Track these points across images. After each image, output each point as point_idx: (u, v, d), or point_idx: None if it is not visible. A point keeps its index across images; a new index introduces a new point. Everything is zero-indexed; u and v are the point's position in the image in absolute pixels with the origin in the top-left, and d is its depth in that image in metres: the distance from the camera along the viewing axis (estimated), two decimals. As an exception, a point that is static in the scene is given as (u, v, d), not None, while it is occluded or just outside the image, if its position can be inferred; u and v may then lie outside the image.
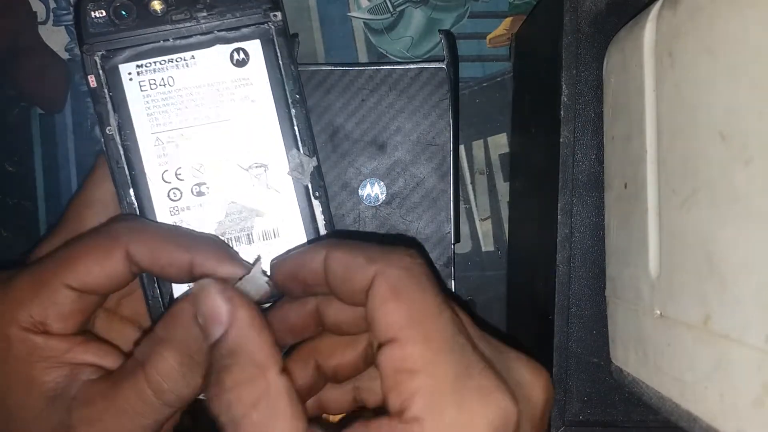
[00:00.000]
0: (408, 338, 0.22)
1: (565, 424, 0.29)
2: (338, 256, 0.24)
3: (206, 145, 0.29)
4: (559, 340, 0.29)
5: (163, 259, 0.26)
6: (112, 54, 0.29)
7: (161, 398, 0.24)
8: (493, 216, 0.40)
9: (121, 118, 0.29)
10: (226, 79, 0.29)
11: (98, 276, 0.26)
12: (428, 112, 0.36)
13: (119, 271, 0.26)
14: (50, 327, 0.26)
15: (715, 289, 0.19)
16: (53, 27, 0.39)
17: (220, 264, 0.26)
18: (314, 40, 0.39)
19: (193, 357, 0.24)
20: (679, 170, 0.21)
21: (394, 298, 0.22)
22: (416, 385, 0.21)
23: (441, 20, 0.39)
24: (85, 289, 0.26)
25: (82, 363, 0.26)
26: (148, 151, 0.29)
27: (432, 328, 0.22)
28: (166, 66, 0.29)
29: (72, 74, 0.39)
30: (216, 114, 0.29)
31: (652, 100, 0.23)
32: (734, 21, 0.18)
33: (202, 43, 0.29)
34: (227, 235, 0.29)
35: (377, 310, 0.22)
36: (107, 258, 0.26)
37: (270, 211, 0.30)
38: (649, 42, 0.23)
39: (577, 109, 0.29)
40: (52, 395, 0.25)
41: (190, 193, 0.29)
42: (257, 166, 0.29)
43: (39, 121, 0.39)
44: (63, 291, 0.26)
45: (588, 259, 0.29)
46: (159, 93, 0.29)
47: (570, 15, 0.28)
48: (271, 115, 0.29)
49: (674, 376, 0.21)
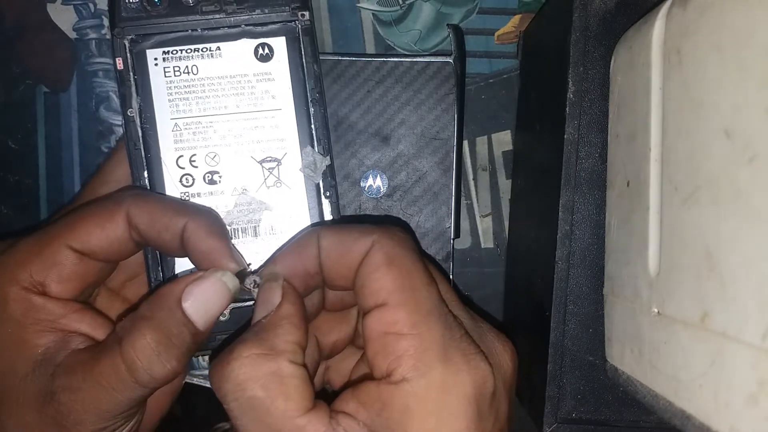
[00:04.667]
0: (398, 302, 0.23)
1: (558, 421, 0.29)
2: (331, 234, 0.25)
3: (223, 135, 0.30)
4: (554, 337, 0.29)
5: (159, 224, 0.26)
6: (141, 39, 0.29)
7: (134, 375, 0.24)
8: (494, 213, 0.40)
9: (143, 102, 0.29)
10: (249, 73, 0.30)
11: (99, 238, 0.26)
12: (433, 106, 0.36)
13: (120, 235, 0.26)
14: (49, 288, 0.26)
15: (714, 286, 0.19)
16: (62, 6, 0.39)
17: (208, 236, 0.26)
18: (322, 30, 0.39)
19: (172, 339, 0.24)
20: (682, 168, 0.21)
21: (388, 265, 0.23)
22: (404, 347, 0.22)
23: (450, 15, 0.39)
24: (86, 251, 0.26)
25: (74, 331, 0.26)
26: (165, 135, 0.29)
27: (421, 295, 0.23)
28: (192, 55, 0.29)
29: (79, 54, 0.39)
30: (235, 105, 0.30)
31: (658, 98, 0.23)
32: (743, 19, 0.18)
33: (229, 35, 0.29)
34: (234, 226, 0.29)
35: (369, 276, 0.23)
36: (109, 220, 0.26)
37: (279, 206, 0.30)
38: (658, 40, 0.23)
39: (582, 107, 0.29)
40: (41, 359, 0.25)
41: (202, 180, 0.30)
42: (271, 159, 0.30)
43: (44, 99, 0.39)
44: (64, 251, 0.26)
45: (587, 257, 0.29)
46: (182, 80, 0.29)
47: (579, 12, 0.28)
48: (289, 112, 0.30)
49: (669, 374, 0.21)
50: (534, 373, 0.31)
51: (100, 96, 0.39)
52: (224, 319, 0.29)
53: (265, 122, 0.30)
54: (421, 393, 0.22)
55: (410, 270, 0.23)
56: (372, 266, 0.23)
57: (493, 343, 0.25)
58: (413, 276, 0.23)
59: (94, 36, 0.39)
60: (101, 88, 0.39)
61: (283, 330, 0.23)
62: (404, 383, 0.22)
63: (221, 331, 0.29)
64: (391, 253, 0.23)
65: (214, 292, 0.25)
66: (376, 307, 0.23)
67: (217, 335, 0.29)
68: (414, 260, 0.24)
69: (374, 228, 0.24)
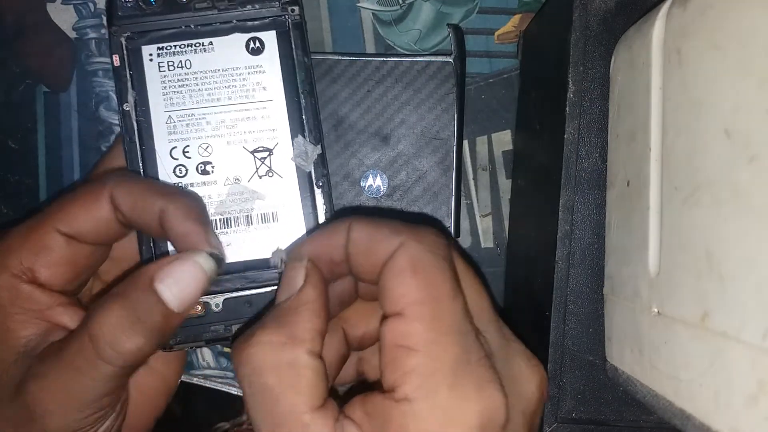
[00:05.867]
0: (415, 315, 0.21)
1: (558, 421, 0.29)
2: (362, 227, 0.24)
3: (215, 127, 0.30)
4: (554, 337, 0.29)
5: (139, 205, 0.26)
6: (136, 36, 0.30)
7: (97, 349, 0.23)
8: (494, 212, 0.40)
9: (138, 96, 0.30)
10: (240, 66, 0.30)
11: (86, 219, 0.26)
12: (433, 106, 0.36)
13: (105, 215, 0.26)
14: (39, 274, 0.26)
15: (714, 286, 0.19)
16: (62, 5, 0.39)
17: (185, 219, 0.25)
18: (322, 29, 0.39)
19: (139, 316, 0.24)
20: (682, 168, 0.21)
21: (411, 271, 0.22)
22: (413, 364, 0.21)
23: (450, 14, 0.39)
24: (73, 234, 0.26)
25: (58, 324, 0.26)
26: (159, 128, 0.30)
27: (442, 309, 0.22)
28: (185, 50, 0.30)
29: (78, 54, 0.39)
30: (227, 98, 0.30)
31: (658, 98, 0.23)
32: (743, 19, 0.18)
33: (221, 30, 0.30)
34: (227, 215, 0.30)
35: (391, 280, 0.22)
36: (93, 201, 0.26)
37: (271, 195, 0.30)
38: (658, 39, 0.23)
39: (582, 106, 0.29)
40: (23, 351, 0.25)
41: (195, 170, 0.30)
42: (262, 149, 0.30)
43: (44, 99, 0.39)
44: (52, 235, 0.26)
45: (587, 257, 0.29)
46: (176, 74, 0.30)
47: (579, 12, 0.28)
48: (279, 103, 0.30)
49: (669, 373, 0.21)
50: (534, 373, 0.31)
51: (99, 96, 0.39)
52: (218, 310, 0.29)
53: (257, 113, 0.30)
54: (422, 416, 0.20)
55: (435, 280, 0.22)
56: (395, 270, 0.22)
57: (519, 368, 0.23)
58: (437, 287, 0.22)
59: (93, 36, 0.39)
60: (101, 88, 0.39)
61: (303, 317, 0.23)
62: (406, 402, 0.20)
63: (235, 320, 0.29)
64: (416, 258, 0.22)
65: (188, 273, 0.25)
66: (393, 315, 0.22)
67: (232, 324, 0.29)
68: (441, 269, 0.22)
69: (405, 228, 0.23)
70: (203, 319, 0.29)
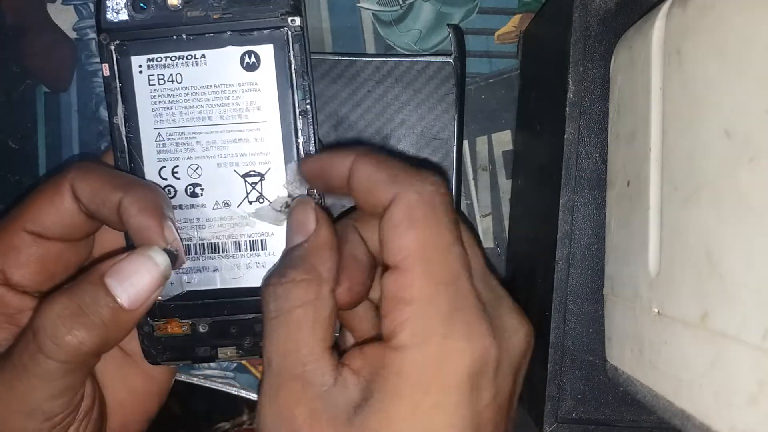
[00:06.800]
0: (411, 268, 0.22)
1: (558, 421, 0.29)
2: (364, 167, 0.24)
3: (205, 147, 0.29)
4: (554, 337, 0.29)
5: (98, 197, 0.25)
6: (126, 45, 0.29)
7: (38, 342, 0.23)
8: (494, 213, 0.40)
9: (127, 110, 0.29)
10: (234, 82, 0.29)
11: (49, 214, 0.26)
12: (433, 106, 0.36)
13: (68, 209, 0.26)
14: (11, 276, 0.25)
15: (714, 286, 0.19)
16: (62, 6, 0.39)
17: (140, 212, 0.25)
18: (322, 30, 0.39)
19: (83, 309, 0.23)
20: (682, 168, 0.21)
21: (408, 224, 0.22)
22: (408, 315, 0.22)
23: (450, 14, 0.39)
24: (40, 231, 0.26)
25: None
26: (148, 145, 0.29)
27: (437, 261, 0.22)
28: (176, 62, 0.29)
29: (79, 54, 0.39)
30: (219, 116, 0.29)
31: (658, 98, 0.23)
32: (743, 19, 0.18)
33: (215, 42, 0.29)
34: (215, 239, 0.29)
35: (389, 232, 0.23)
36: (56, 194, 0.26)
37: (261, 222, 0.29)
38: (658, 40, 0.23)
39: (582, 107, 0.29)
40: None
41: (184, 192, 0.29)
42: (254, 174, 0.29)
43: (44, 99, 0.39)
44: (20, 234, 0.25)
45: (587, 257, 0.29)
46: (166, 89, 0.29)
47: (579, 12, 0.28)
48: (274, 125, 0.29)
49: (669, 373, 0.21)
50: (534, 373, 0.31)
51: (100, 96, 0.39)
52: (204, 331, 0.29)
53: (250, 135, 0.29)
54: (417, 361, 0.22)
55: (433, 231, 0.22)
56: (395, 220, 0.23)
57: (509, 319, 0.24)
58: (433, 239, 0.22)
59: (94, 36, 0.39)
60: (101, 88, 0.39)
61: (324, 258, 0.24)
62: (402, 349, 0.22)
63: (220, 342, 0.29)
64: (414, 211, 0.22)
65: (141, 267, 0.24)
66: (392, 268, 0.23)
67: (217, 345, 0.29)
68: (438, 221, 0.23)
69: (404, 175, 0.23)
70: (190, 338, 0.29)
